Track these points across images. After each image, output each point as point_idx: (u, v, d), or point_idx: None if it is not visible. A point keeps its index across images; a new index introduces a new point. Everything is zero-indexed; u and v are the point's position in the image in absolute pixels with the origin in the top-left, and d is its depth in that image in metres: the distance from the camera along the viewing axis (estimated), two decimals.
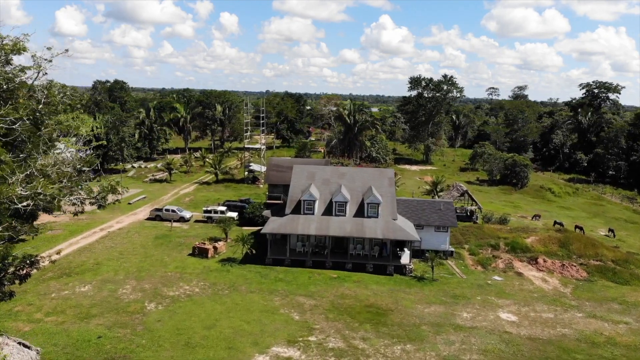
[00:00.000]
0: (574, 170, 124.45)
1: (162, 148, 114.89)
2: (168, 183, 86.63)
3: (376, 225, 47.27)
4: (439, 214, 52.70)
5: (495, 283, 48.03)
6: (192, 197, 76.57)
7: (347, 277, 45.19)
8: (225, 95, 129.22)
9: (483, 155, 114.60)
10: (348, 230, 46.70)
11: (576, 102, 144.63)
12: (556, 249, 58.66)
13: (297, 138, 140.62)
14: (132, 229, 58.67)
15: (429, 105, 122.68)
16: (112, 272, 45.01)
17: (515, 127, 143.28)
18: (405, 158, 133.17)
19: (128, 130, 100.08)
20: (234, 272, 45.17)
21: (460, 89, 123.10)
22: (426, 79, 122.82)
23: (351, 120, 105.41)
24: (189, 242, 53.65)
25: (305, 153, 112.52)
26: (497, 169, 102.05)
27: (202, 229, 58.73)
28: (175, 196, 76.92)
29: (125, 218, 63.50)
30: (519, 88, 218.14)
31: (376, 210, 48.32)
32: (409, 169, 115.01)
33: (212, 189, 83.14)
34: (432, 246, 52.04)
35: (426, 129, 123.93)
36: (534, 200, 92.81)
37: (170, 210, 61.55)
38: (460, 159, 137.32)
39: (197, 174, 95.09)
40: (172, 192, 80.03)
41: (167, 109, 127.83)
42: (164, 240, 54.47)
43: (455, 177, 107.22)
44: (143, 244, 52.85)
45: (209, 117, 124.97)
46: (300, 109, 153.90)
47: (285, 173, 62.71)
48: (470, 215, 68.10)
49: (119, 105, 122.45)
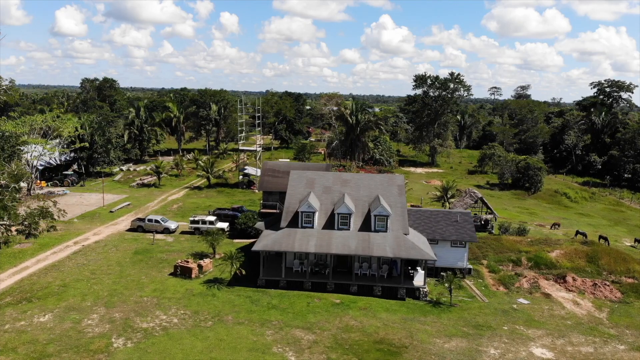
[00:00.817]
0: (587, 173, 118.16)
1: (154, 150, 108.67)
2: (156, 188, 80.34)
3: (385, 241, 41.01)
4: (456, 227, 46.43)
5: (522, 307, 41.80)
6: (181, 204, 70.25)
7: (352, 302, 38.91)
8: (220, 94, 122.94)
9: (492, 157, 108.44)
10: (353, 247, 40.44)
11: (588, 101, 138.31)
12: (584, 264, 52.52)
13: (296, 139, 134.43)
14: (110, 242, 52.38)
15: (435, 104, 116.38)
16: (79, 296, 38.76)
17: (524, 128, 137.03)
18: (410, 160, 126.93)
19: (115, 131, 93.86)
20: (221, 297, 38.88)
21: (468, 87, 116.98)
22: (432, 77, 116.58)
23: (353, 120, 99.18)
24: (172, 257, 47.39)
25: (304, 155, 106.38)
26: (509, 172, 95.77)
27: (188, 242, 52.45)
28: (162, 203, 70.62)
29: (104, 229, 57.20)
30: (522, 87, 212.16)
31: (385, 224, 42.05)
32: (413, 172, 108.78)
33: (204, 194, 76.82)
34: (447, 263, 45.81)
35: (432, 130, 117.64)
36: (549, 207, 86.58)
37: (153, 220, 55.25)
38: (466, 160, 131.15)
39: (188, 178, 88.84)
40: (160, 198, 73.72)
41: (159, 109, 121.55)
42: (143, 255, 48.19)
43: (463, 180, 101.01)
44: (119, 261, 46.57)
45: (203, 117, 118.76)
46: (300, 108, 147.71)
47: (282, 179, 56.50)
48: (485, 224, 61.88)
49: (109, 104, 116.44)
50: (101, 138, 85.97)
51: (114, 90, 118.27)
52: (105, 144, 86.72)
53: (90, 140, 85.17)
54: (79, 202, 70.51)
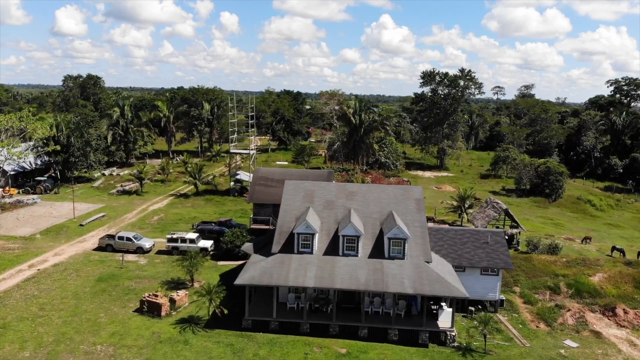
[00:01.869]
0: (607, 177, 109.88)
1: (140, 152, 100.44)
2: (138, 196, 72.08)
3: (403, 271, 32.80)
4: (486, 250, 38.23)
5: (571, 353, 33.58)
6: (162, 215, 61.98)
7: (361, 352, 30.63)
8: (213, 92, 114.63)
9: (507, 160, 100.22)
10: (362, 280, 32.22)
11: (605, 100, 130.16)
12: (631, 290, 44.46)
13: (295, 140, 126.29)
14: (72, 265, 44.14)
15: (444, 103, 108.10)
16: (18, 342, 30.59)
17: (537, 128, 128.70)
18: (416, 163, 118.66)
19: (96, 132, 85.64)
20: (195, 345, 30.64)
21: (479, 84, 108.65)
22: (441, 74, 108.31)
23: (357, 120, 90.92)
24: (142, 286, 39.20)
25: (303, 157, 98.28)
26: (527, 177, 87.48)
27: (164, 264, 44.22)
28: (141, 214, 62.36)
29: (69, 247, 48.95)
30: (526, 87, 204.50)
31: (402, 249, 33.85)
32: (421, 176, 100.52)
33: (190, 203, 68.52)
34: (476, 295, 37.62)
35: (440, 130, 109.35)
36: (575, 216, 78.34)
37: (124, 237, 46.98)
38: (477, 163, 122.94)
39: (175, 184, 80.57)
40: (140, 207, 65.45)
41: (148, 108, 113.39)
42: (108, 283, 39.98)
43: (476, 185, 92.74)
44: (77, 291, 38.37)
45: (195, 117, 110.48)
46: (299, 107, 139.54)
47: (276, 188, 48.30)
48: (510, 240, 53.62)
49: (93, 103, 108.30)
50: (79, 140, 77.75)
51: (98, 88, 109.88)
52: (84, 147, 78.49)
53: (66, 142, 77.00)
54: (47, 212, 62.32)
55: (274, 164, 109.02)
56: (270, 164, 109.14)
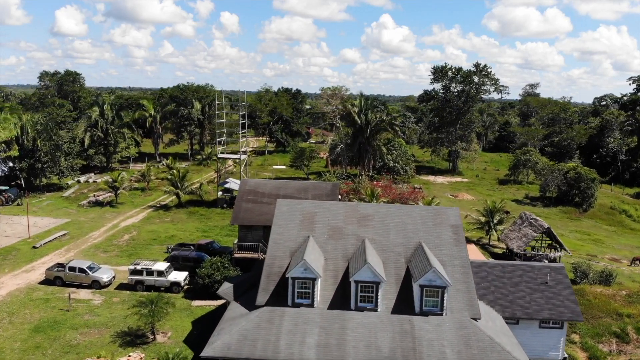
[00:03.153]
0: (636, 182, 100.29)
1: (122, 156, 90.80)
2: (112, 208, 62.48)
3: (442, 334, 23.24)
4: (545, 294, 28.62)
5: None
6: (135, 232, 52.34)
7: None
8: (204, 90, 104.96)
9: (528, 163, 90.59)
10: (386, 350, 22.64)
11: (629, 98, 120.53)
12: None
13: (294, 142, 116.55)
14: (7, 306, 34.56)
15: (458, 101, 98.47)
16: None
17: (556, 129, 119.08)
18: (426, 166, 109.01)
19: (68, 135, 76.05)
20: None
21: (496, 80, 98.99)
22: (453, 69, 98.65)
23: (362, 119, 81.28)
24: (88, 340, 29.65)
25: (303, 161, 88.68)
26: (554, 184, 77.80)
27: (123, 305, 34.56)
28: (110, 231, 52.76)
29: (10, 280, 39.33)
30: (530, 86, 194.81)
31: (439, 300, 24.27)
32: (434, 182, 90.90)
33: (170, 217, 58.87)
34: (533, 353, 27.99)
35: (453, 131, 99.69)
36: (612, 229, 68.67)
37: (77, 268, 37.31)
38: (491, 166, 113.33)
39: (157, 193, 70.85)
40: (111, 223, 55.86)
41: (133, 107, 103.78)
42: (45, 335, 30.40)
43: (496, 193, 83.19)
44: (3, 349, 28.80)
45: (184, 116, 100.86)
46: (298, 106, 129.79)
47: (267, 205, 38.67)
48: None
49: (71, 102, 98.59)
50: (46, 143, 68.20)
51: (77, 86, 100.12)
52: (52, 151, 68.93)
53: (32, 146, 67.50)
54: (1, 230, 52.77)
55: (271, 168, 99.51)
56: (266, 167, 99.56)
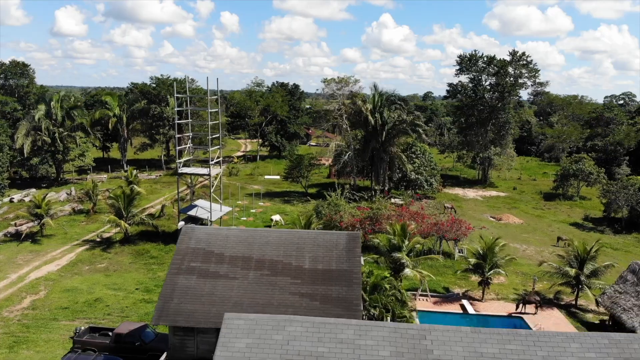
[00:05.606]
0: None
1: (76, 165, 73.06)
2: (33, 243, 44.64)
3: None
4: None
5: None
6: (44, 292, 34.29)
7: None
8: (181, 85, 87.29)
9: (580, 174, 72.70)
10: None
11: None
12: None
13: (291, 145, 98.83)
14: None
15: (492, 96, 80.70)
16: None
17: (598, 131, 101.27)
18: (449, 175, 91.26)
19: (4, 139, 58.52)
20: None
21: (536, 71, 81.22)
22: (484, 58, 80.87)
23: (377, 120, 63.43)
24: None
25: (301, 171, 71.00)
26: (626, 202, 59.83)
27: None
28: (11, 288, 34.78)
29: None
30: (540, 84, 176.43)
31: None
32: (463, 196, 73.01)
33: (106, 262, 40.77)
34: None
35: (484, 133, 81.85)
36: None
37: None
38: (524, 175, 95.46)
39: (104, 217, 52.61)
40: (20, 272, 37.86)
41: (97, 105, 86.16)
42: None
43: (546, 213, 65.34)
44: None
45: (156, 116, 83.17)
46: (295, 104, 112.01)
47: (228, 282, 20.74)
48: None
49: (17, 98, 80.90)
50: None
51: (26, 79, 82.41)
52: None
53: None
54: None
55: (262, 179, 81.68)
56: (256, 178, 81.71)
